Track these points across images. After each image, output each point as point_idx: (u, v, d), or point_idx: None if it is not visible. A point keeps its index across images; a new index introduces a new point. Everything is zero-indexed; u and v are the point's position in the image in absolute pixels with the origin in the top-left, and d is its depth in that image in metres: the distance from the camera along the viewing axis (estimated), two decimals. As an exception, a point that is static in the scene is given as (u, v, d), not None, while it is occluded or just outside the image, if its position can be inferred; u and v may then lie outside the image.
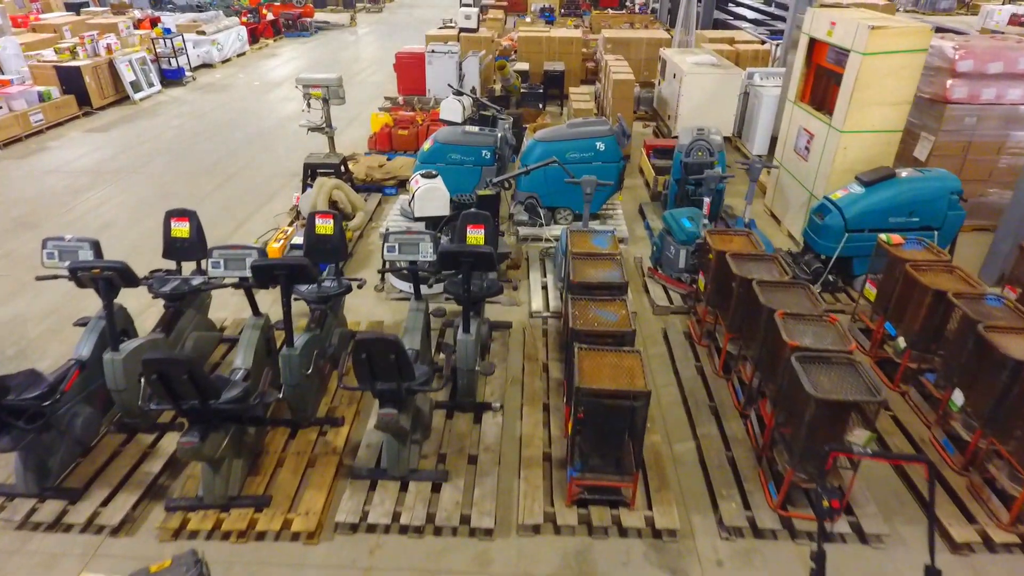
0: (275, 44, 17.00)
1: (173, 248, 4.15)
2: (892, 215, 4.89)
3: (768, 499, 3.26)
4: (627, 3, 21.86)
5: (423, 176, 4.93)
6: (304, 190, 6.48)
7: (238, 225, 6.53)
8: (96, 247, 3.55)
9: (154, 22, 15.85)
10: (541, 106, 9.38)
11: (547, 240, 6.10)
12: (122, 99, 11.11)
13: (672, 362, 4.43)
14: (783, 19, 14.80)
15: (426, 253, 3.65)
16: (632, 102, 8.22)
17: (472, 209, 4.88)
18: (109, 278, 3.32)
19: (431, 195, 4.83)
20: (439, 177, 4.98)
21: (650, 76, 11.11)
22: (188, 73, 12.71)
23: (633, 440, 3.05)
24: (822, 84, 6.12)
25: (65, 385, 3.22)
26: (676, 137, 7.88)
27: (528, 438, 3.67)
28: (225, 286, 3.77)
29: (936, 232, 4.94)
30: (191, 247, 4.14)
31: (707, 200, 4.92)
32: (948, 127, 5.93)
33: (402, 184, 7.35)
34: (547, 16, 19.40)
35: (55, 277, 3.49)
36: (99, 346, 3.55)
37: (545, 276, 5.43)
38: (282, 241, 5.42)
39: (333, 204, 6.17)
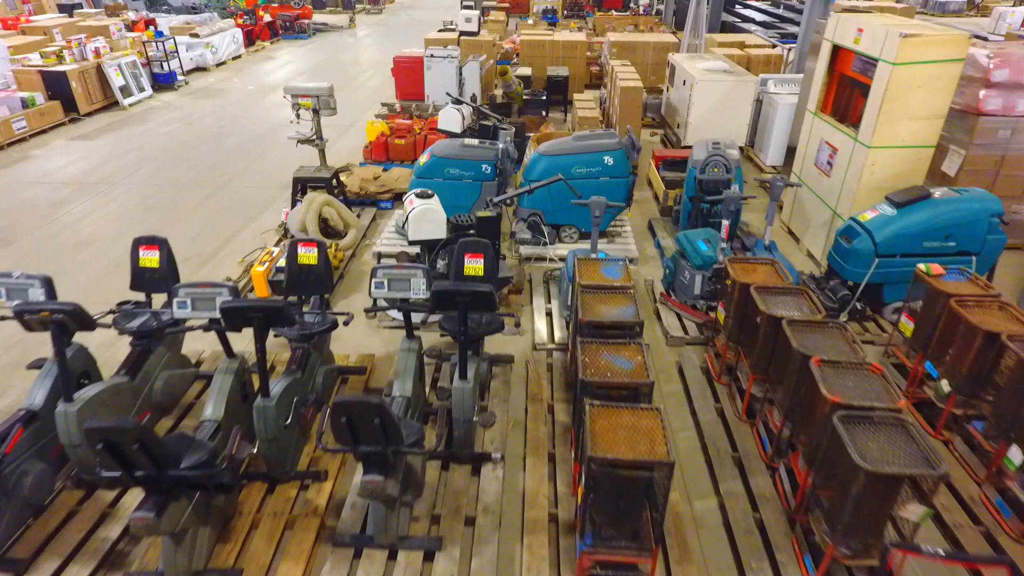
0: (272, 47, 16.64)
1: (141, 279, 3.77)
2: (927, 239, 4.51)
3: (804, 575, 2.88)
4: (631, 4, 21.47)
5: (418, 196, 4.55)
6: (294, 205, 6.11)
7: (224, 242, 6.16)
8: (48, 285, 3.18)
9: (149, 24, 15.52)
10: (544, 113, 9.01)
11: (551, 260, 5.72)
12: (111, 104, 10.75)
13: (689, 402, 4.05)
14: (792, 22, 14.44)
15: (418, 290, 3.27)
16: (640, 110, 7.85)
17: (471, 235, 4.52)
18: (60, 321, 2.95)
19: (426, 217, 4.45)
20: (435, 197, 4.61)
21: (657, 81, 10.73)
22: (181, 77, 12.36)
23: (653, 512, 2.67)
24: (845, 94, 5.74)
25: (7, 447, 2.85)
26: (688, 148, 7.51)
27: (532, 495, 3.30)
28: (192, 329, 3.39)
29: (974, 257, 4.56)
30: (161, 278, 3.76)
31: (726, 223, 4.54)
32: (980, 140, 5.55)
33: (398, 197, 6.98)
34: (550, 18, 19.04)
35: (0, 319, 3.13)
36: (53, 394, 3.18)
37: (549, 302, 5.05)
38: (267, 264, 5.04)
39: (323, 222, 5.80)
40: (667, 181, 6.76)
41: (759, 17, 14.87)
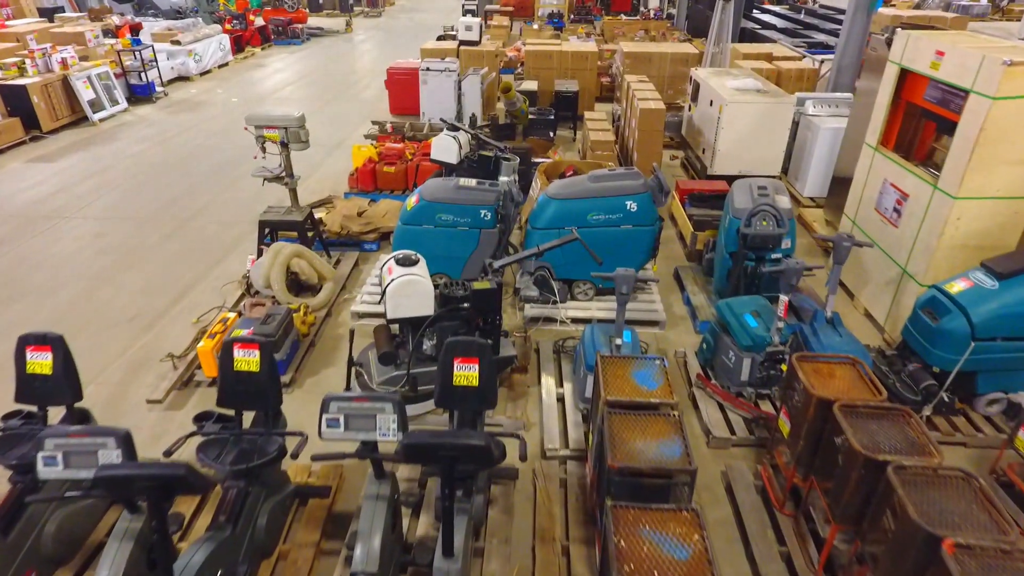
0: (263, 53, 15.76)
1: (30, 388, 2.87)
2: (1038, 320, 3.59)
3: None
4: (641, 8, 20.53)
5: (399, 263, 3.65)
6: (260, 254, 5.22)
7: (179, 295, 5.26)
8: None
9: (134, 29, 14.67)
10: (552, 135, 8.09)
11: (562, 323, 4.81)
12: (80, 120, 9.88)
13: (744, 542, 3.14)
14: (816, 28, 13.49)
15: (387, 430, 2.36)
16: (661, 135, 6.93)
17: (464, 310, 3.62)
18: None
19: (409, 291, 3.55)
20: (421, 263, 3.70)
21: (675, 96, 9.81)
22: (160, 88, 11.48)
23: None
24: (912, 127, 4.82)
25: None
26: (717, 178, 6.58)
27: None
28: (62, 498, 2.49)
29: (1096, 342, 3.64)
30: (57, 387, 2.87)
31: (784, 299, 3.62)
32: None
33: (385, 237, 6.08)
34: (556, 22, 18.11)
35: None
36: None
37: (561, 385, 4.13)
38: (217, 335, 4.14)
39: (293, 276, 4.90)
40: (695, 220, 5.84)
41: (780, 24, 13.92)
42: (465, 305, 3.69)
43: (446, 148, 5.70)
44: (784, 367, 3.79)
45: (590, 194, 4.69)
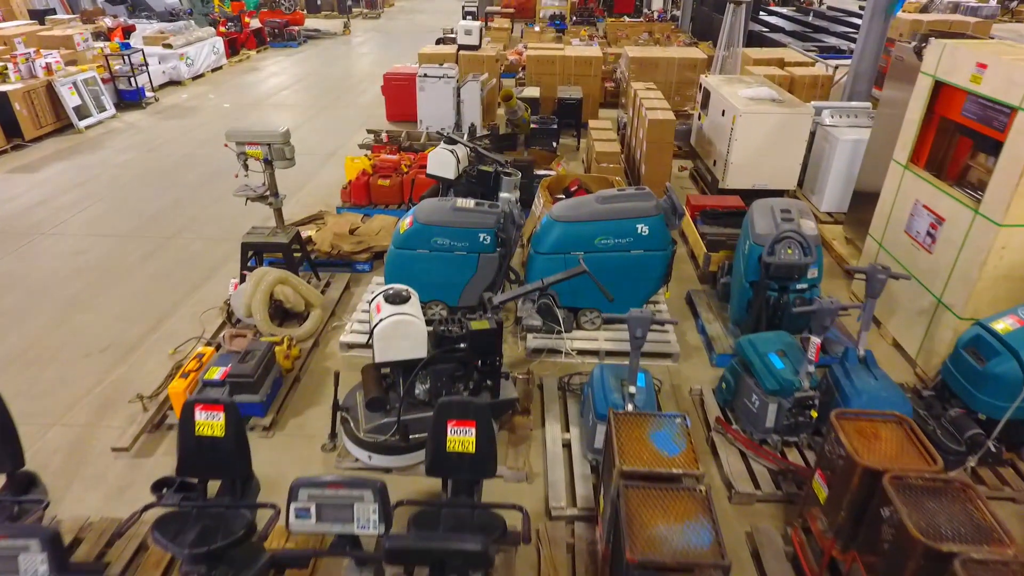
0: (258, 56, 15.41)
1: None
2: (1098, 364, 3.24)
3: None
4: (645, 10, 20.16)
5: (388, 300, 3.30)
6: (244, 279, 4.87)
7: (157, 322, 4.91)
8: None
9: (127, 31, 14.33)
10: (555, 145, 7.73)
11: (568, 355, 4.46)
12: (66, 127, 9.52)
13: (775, 621, 2.78)
14: (826, 31, 13.12)
15: (366, 522, 2.01)
16: (671, 147, 6.56)
17: (460, 351, 3.27)
18: None
19: (399, 332, 3.20)
20: (412, 300, 3.35)
21: (682, 103, 9.46)
22: (150, 94, 11.13)
23: None
24: (946, 143, 4.47)
25: None
26: (730, 193, 6.21)
27: None
28: None
29: None
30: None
31: (816, 341, 3.26)
32: None
33: (378, 256, 5.73)
34: (558, 24, 17.76)
35: None
36: None
37: (568, 430, 3.77)
38: (191, 374, 3.79)
39: (277, 304, 4.55)
40: (709, 240, 5.48)
41: (788, 26, 13.55)
42: (462, 345, 3.33)
43: (443, 163, 5.35)
44: (814, 413, 3.44)
45: (598, 216, 4.34)
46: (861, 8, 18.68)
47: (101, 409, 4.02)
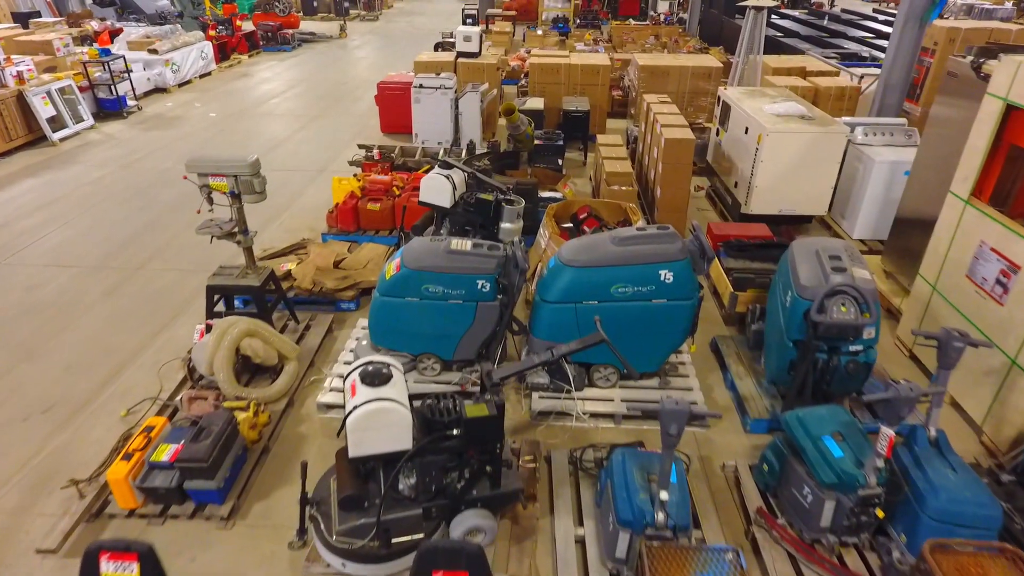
0: (249, 61, 14.83)
1: None
2: None
3: None
4: (650, 12, 19.56)
5: (365, 380, 2.71)
6: (209, 321, 4.28)
7: (110, 375, 4.33)
8: None
9: (114, 35, 13.76)
10: (560, 162, 7.12)
11: (579, 418, 3.87)
12: (39, 140, 8.94)
13: None
14: (843, 36, 12.52)
15: None
16: (690, 169, 5.97)
17: (454, 438, 2.68)
18: None
19: (377, 422, 2.61)
20: (394, 380, 2.76)
21: (695, 114, 8.87)
22: (132, 102, 10.54)
23: None
24: (1015, 175, 3.88)
25: None
26: (754, 219, 5.61)
27: None
28: None
29: None
30: None
31: (889, 434, 2.66)
32: None
33: (365, 293, 5.15)
34: (561, 27, 17.19)
35: None
36: None
37: (581, 523, 3.18)
38: (136, 454, 3.20)
39: (244, 360, 3.96)
40: (735, 277, 4.88)
41: (804, 31, 12.94)
42: (455, 432, 2.74)
43: (437, 189, 4.78)
44: (880, 513, 2.84)
45: (614, 261, 3.74)
46: (875, 11, 18.10)
47: (34, 490, 3.44)
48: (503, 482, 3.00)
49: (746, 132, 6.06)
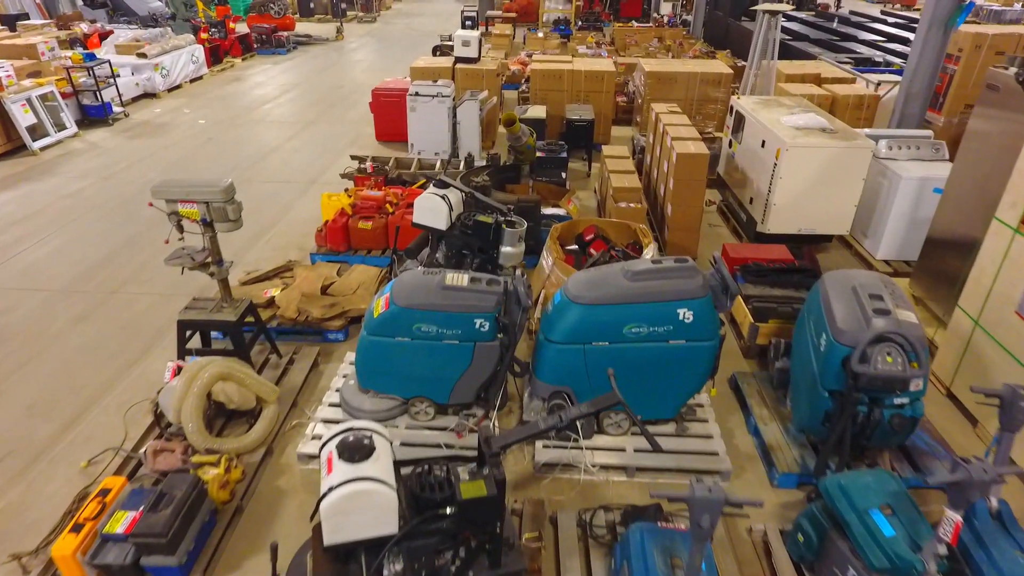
0: (243, 64, 14.45)
1: None
2: None
3: None
4: (653, 14, 19.18)
5: (343, 455, 2.33)
6: (180, 362, 3.91)
7: (73, 417, 3.95)
8: None
9: (104, 37, 13.40)
10: (564, 176, 6.73)
11: (587, 471, 3.49)
12: (18, 149, 8.56)
13: None
14: (854, 39, 12.15)
15: None
16: (704, 187, 5.58)
17: (447, 517, 2.31)
18: None
19: (357, 506, 2.23)
20: (378, 454, 2.38)
21: (703, 122, 8.49)
22: (118, 109, 10.17)
23: None
24: (1072, 201, 3.50)
25: None
26: (774, 240, 5.22)
27: None
28: None
29: None
30: None
31: (955, 519, 2.28)
32: None
33: (355, 321, 4.77)
34: (562, 30, 16.83)
35: None
36: None
37: (593, 605, 2.80)
38: (87, 524, 2.82)
39: (217, 406, 3.58)
40: (754, 306, 4.51)
41: (813, 34, 12.56)
42: (447, 515, 2.36)
43: (433, 210, 4.39)
44: (938, 601, 2.46)
45: (628, 298, 3.37)
46: (884, 13, 17.71)
47: (-23, 559, 3.06)
48: (503, 560, 2.62)
49: (763, 145, 5.68)
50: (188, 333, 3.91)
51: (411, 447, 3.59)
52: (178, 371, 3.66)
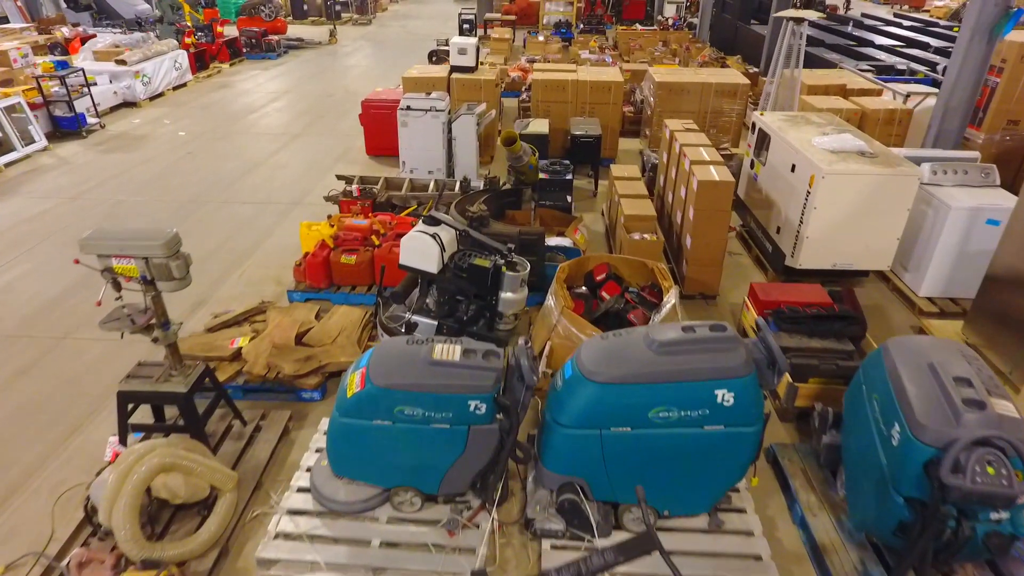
0: (231, 70, 13.84)
1: None
2: None
3: None
4: (657, 17, 18.58)
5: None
6: (122, 437, 3.31)
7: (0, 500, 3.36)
8: None
9: (86, 41, 12.78)
10: (570, 199, 6.11)
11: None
12: (-19, 165, 7.97)
13: None
14: (871, 44, 11.56)
15: None
16: (728, 217, 4.98)
17: None
18: None
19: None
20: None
21: (718, 136, 7.90)
22: (93, 120, 9.55)
23: None
24: None
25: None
26: (802, 274, 4.62)
27: None
28: None
29: None
30: None
31: None
32: None
33: (334, 376, 4.18)
34: (563, 33, 16.25)
35: None
36: None
37: None
38: None
39: (160, 503, 2.98)
40: (793, 362, 3.90)
41: (829, 39, 11.96)
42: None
43: (422, 252, 3.78)
44: None
45: (655, 376, 2.77)
46: (897, 16, 17.12)
47: None
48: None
49: (792, 170, 5.09)
50: (130, 407, 3.30)
51: (393, 548, 2.99)
52: (122, 437, 3.07)
